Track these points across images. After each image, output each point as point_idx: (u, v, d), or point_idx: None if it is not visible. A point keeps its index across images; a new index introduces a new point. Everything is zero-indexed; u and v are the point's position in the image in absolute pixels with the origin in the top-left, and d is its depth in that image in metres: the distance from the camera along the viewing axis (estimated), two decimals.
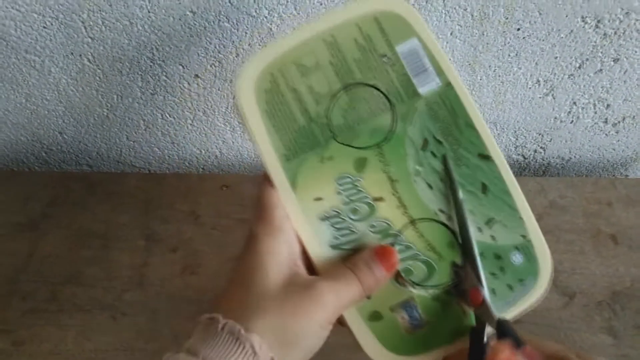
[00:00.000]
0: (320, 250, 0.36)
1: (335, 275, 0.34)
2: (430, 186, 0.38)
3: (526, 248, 0.37)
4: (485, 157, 0.38)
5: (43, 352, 0.49)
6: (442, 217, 0.37)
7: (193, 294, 0.53)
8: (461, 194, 0.37)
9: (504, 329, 0.33)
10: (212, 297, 0.53)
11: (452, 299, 0.37)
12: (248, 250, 0.34)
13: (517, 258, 0.37)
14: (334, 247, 0.37)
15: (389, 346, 0.36)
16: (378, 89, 0.38)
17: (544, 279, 0.37)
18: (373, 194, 0.37)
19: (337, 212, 0.37)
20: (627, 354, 0.53)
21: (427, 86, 0.38)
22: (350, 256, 0.36)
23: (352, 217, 0.37)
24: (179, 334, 0.51)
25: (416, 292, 0.37)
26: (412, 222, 0.37)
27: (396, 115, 0.38)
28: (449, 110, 0.38)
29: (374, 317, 0.36)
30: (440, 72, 0.38)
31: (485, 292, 0.35)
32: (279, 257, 0.34)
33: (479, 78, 0.59)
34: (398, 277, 0.37)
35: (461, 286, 0.37)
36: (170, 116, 0.62)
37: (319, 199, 0.37)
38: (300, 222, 0.36)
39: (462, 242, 0.37)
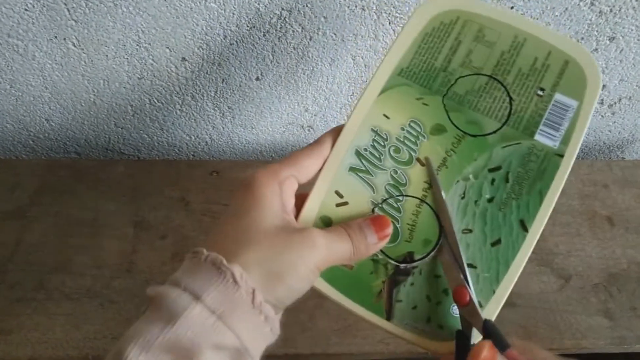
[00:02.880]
0: (336, 172, 0.37)
1: (329, 229, 0.34)
2: (462, 197, 0.37)
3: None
4: (524, 227, 0.37)
5: (31, 341, 0.49)
6: (448, 225, 0.37)
7: None
8: (444, 194, 0.37)
9: (489, 330, 0.33)
10: None
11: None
12: (243, 194, 0.33)
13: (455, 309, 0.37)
14: (352, 168, 0.38)
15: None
16: (511, 104, 0.39)
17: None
18: (421, 155, 0.38)
19: (386, 136, 0.38)
20: (623, 336, 0.52)
21: (545, 138, 0.38)
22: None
23: (391, 151, 0.38)
24: None
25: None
26: (422, 201, 0.37)
27: (500, 131, 0.38)
28: (539, 170, 0.37)
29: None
30: (565, 141, 0.38)
31: (472, 292, 0.34)
32: (275, 204, 0.33)
33: None
34: None
35: (395, 277, 0.37)
36: (158, 101, 0.61)
37: (386, 116, 0.39)
38: (353, 124, 0.38)
39: (449, 243, 0.36)
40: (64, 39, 0.53)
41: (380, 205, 0.37)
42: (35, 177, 0.60)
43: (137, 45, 0.54)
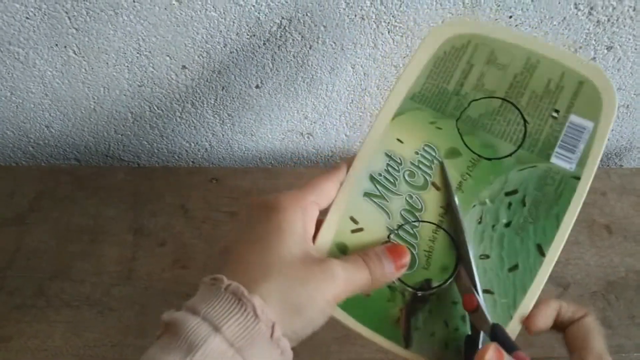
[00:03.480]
0: (351, 197, 0.37)
1: (346, 258, 0.34)
2: (479, 222, 0.37)
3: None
4: (541, 252, 0.36)
5: (30, 348, 0.49)
6: (464, 251, 0.36)
7: (183, 288, 0.52)
8: (457, 199, 0.37)
9: (497, 334, 0.33)
10: None
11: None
12: (265, 219, 0.33)
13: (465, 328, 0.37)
14: (367, 194, 0.37)
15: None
16: (525, 126, 0.38)
17: None
18: (436, 180, 0.38)
19: (400, 160, 0.38)
20: (622, 344, 0.52)
21: (561, 161, 0.37)
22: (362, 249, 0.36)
23: (406, 176, 0.38)
24: None
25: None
26: (439, 226, 0.37)
27: (515, 154, 0.38)
28: (555, 193, 0.37)
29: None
30: (581, 163, 0.37)
31: (480, 298, 0.34)
32: (297, 233, 0.33)
33: None
34: None
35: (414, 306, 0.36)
36: (158, 108, 0.61)
37: (400, 141, 0.39)
38: (366, 149, 0.38)
39: (457, 248, 0.36)
40: (65, 46, 0.53)
41: (396, 232, 0.37)
42: (34, 184, 0.60)
43: (138, 53, 0.54)
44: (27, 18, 0.50)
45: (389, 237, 0.37)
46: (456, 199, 0.37)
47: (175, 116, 0.62)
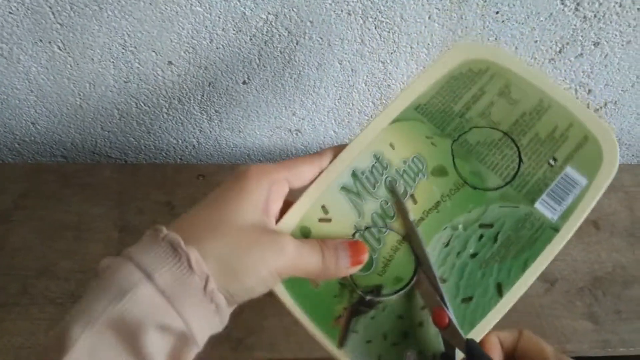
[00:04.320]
0: (328, 186, 0.37)
1: (303, 240, 0.34)
2: (445, 245, 0.37)
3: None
4: (499, 292, 0.36)
5: (14, 346, 0.48)
6: (427, 268, 0.36)
7: None
8: (412, 216, 0.37)
9: (472, 351, 0.32)
10: None
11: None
12: (230, 185, 0.33)
13: (411, 355, 0.36)
14: (344, 188, 0.37)
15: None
16: (519, 165, 0.38)
17: None
18: (416, 194, 0.37)
19: (386, 165, 0.38)
20: (608, 339, 0.52)
21: (545, 209, 0.37)
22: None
23: (387, 182, 0.38)
24: None
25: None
26: (404, 239, 0.37)
27: (501, 190, 0.37)
28: (530, 239, 0.36)
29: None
30: (564, 217, 0.36)
31: (451, 313, 0.34)
32: (257, 202, 0.32)
33: None
34: None
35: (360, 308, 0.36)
36: (144, 105, 0.60)
37: (392, 146, 0.38)
38: (357, 144, 0.38)
39: (422, 265, 0.36)
40: (49, 42, 0.52)
41: (362, 232, 0.37)
42: (20, 181, 0.60)
43: (123, 48, 0.54)
44: (10, 13, 0.49)
45: (353, 235, 0.37)
46: (418, 229, 0.36)
47: (162, 112, 0.62)
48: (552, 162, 0.37)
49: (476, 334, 0.35)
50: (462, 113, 0.39)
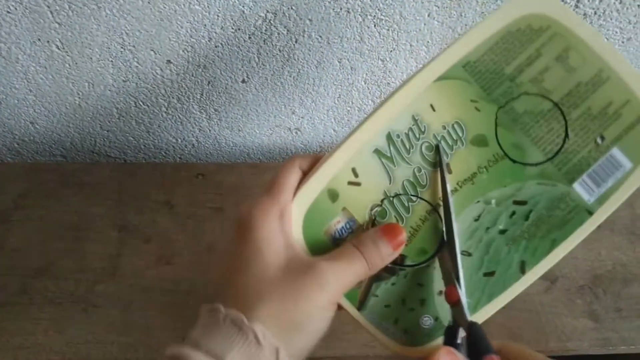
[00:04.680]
0: (361, 149, 0.35)
1: (338, 254, 0.33)
2: (476, 219, 0.36)
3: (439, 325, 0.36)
4: (522, 269, 0.36)
5: (13, 346, 0.48)
6: (456, 243, 0.35)
7: (167, 285, 0.52)
8: (449, 186, 0.35)
9: (474, 334, 0.33)
10: (187, 288, 0.52)
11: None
12: (243, 238, 0.33)
13: (426, 320, 0.36)
14: (378, 151, 0.35)
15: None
16: (564, 141, 0.35)
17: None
18: (452, 163, 0.35)
19: (424, 129, 0.35)
20: (608, 337, 0.52)
21: (582, 190, 0.35)
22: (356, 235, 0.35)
23: (424, 147, 0.36)
24: (153, 326, 0.50)
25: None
26: (434, 209, 0.36)
27: (541, 166, 0.35)
28: (562, 219, 0.35)
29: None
30: (601, 200, 0.35)
31: (462, 293, 0.34)
32: (277, 244, 0.32)
33: None
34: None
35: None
36: (143, 104, 0.60)
37: (432, 108, 0.35)
38: (396, 103, 0.35)
39: (447, 242, 0.35)
40: (48, 41, 0.52)
41: (391, 199, 0.35)
42: (19, 181, 0.59)
43: (122, 47, 0.53)
44: (7, 12, 0.49)
45: (382, 201, 0.35)
46: (450, 199, 0.35)
47: (161, 111, 0.62)
48: (599, 140, 0.35)
49: (492, 307, 0.35)
50: (513, 76, 0.35)
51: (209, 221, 0.57)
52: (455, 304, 0.34)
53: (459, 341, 0.34)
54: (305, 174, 0.36)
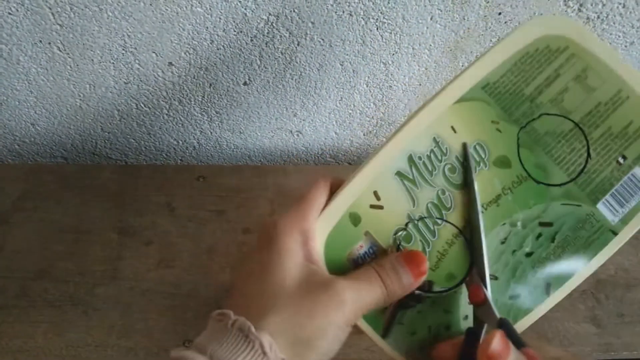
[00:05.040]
0: (382, 171, 0.34)
1: (357, 275, 0.32)
2: (502, 242, 0.35)
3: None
4: (547, 291, 0.35)
5: (12, 349, 0.48)
6: (483, 264, 0.34)
7: (168, 288, 0.52)
8: (482, 216, 0.35)
9: (505, 329, 0.32)
10: (187, 291, 0.52)
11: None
12: (264, 247, 0.32)
13: None
14: (399, 174, 0.35)
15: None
16: (587, 161, 0.35)
17: None
18: (478, 182, 0.35)
19: (446, 150, 0.35)
20: (610, 343, 0.52)
21: (606, 210, 0.35)
22: (378, 258, 0.34)
23: (446, 169, 0.35)
24: (153, 329, 0.49)
25: None
26: (461, 232, 0.35)
27: (565, 186, 0.35)
28: (587, 240, 0.35)
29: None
30: (625, 220, 0.35)
31: (488, 291, 0.33)
32: (297, 256, 0.32)
33: (460, 64, 0.58)
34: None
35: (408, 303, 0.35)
36: (145, 106, 0.60)
37: (454, 129, 0.35)
38: (416, 124, 0.34)
39: (472, 242, 0.35)
40: (49, 43, 0.52)
41: (415, 222, 0.35)
42: (19, 182, 0.59)
43: (123, 49, 0.53)
44: (9, 14, 0.49)
45: (406, 225, 0.35)
46: (480, 216, 0.34)
47: (163, 114, 0.61)
48: (621, 160, 0.35)
49: (517, 329, 0.34)
50: (533, 97, 0.35)
51: (209, 224, 0.56)
52: (481, 303, 0.33)
53: (481, 342, 0.33)
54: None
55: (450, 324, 0.35)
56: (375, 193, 0.34)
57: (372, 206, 0.34)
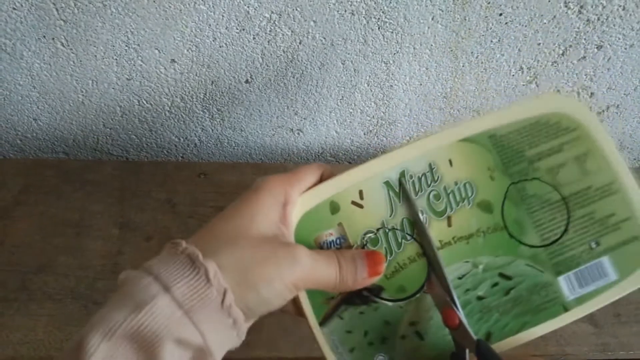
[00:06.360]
0: (373, 175, 0.36)
1: (319, 252, 0.33)
2: (459, 277, 0.37)
3: None
4: (487, 339, 0.36)
5: (12, 342, 0.48)
6: (449, 289, 0.35)
7: None
8: (440, 253, 0.36)
9: (483, 351, 0.33)
10: None
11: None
12: (245, 198, 0.33)
13: (381, 358, 0.36)
14: (388, 183, 0.37)
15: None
16: (562, 235, 0.37)
17: None
18: (454, 218, 0.37)
19: (438, 178, 0.37)
20: (607, 342, 0.52)
21: (565, 285, 0.37)
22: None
23: (432, 195, 0.37)
24: None
25: None
26: (424, 254, 0.36)
27: (535, 249, 0.37)
28: (538, 306, 0.36)
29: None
30: (580, 301, 0.36)
31: (461, 314, 0.34)
32: (274, 213, 0.33)
33: (461, 65, 0.58)
34: None
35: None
36: (147, 102, 0.60)
37: (450, 163, 0.37)
38: (417, 147, 0.37)
39: (434, 270, 0.36)
40: (53, 38, 0.52)
41: (386, 230, 0.36)
42: (20, 177, 0.60)
43: (126, 46, 0.54)
44: (14, 9, 0.49)
45: (378, 230, 0.36)
46: (438, 253, 0.36)
47: (165, 110, 0.62)
48: (593, 245, 0.37)
49: None
50: (532, 160, 0.38)
51: (210, 220, 0.57)
52: (456, 327, 0.34)
53: None
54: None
55: (387, 337, 0.36)
56: (360, 192, 0.36)
57: (353, 202, 0.36)
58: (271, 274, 0.30)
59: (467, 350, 0.34)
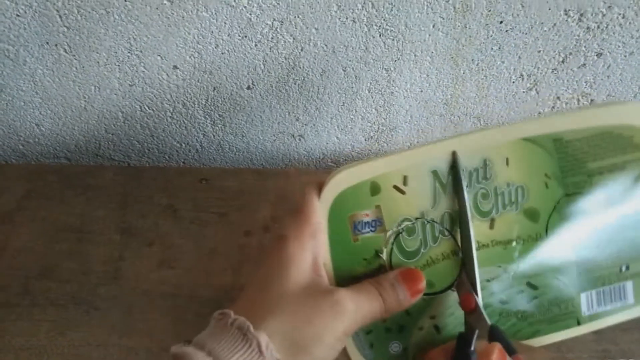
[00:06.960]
0: (420, 163, 0.35)
1: (357, 287, 0.33)
2: (488, 280, 0.36)
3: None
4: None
5: (14, 347, 0.48)
6: (474, 273, 0.35)
7: (169, 289, 0.52)
8: (466, 193, 0.35)
9: (496, 336, 0.33)
10: (189, 292, 0.52)
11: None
12: (273, 254, 0.33)
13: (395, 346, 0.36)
14: (435, 173, 0.35)
15: None
16: (598, 254, 0.37)
17: None
18: (497, 221, 0.35)
19: (490, 176, 0.35)
20: (608, 349, 0.52)
21: (585, 301, 0.36)
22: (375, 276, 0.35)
23: (480, 194, 0.35)
24: (154, 329, 0.50)
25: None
26: (456, 251, 0.35)
27: (569, 267, 0.36)
28: (555, 317, 0.37)
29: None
30: (592, 318, 0.37)
31: (479, 298, 0.34)
32: (304, 264, 0.33)
33: (462, 72, 0.59)
34: None
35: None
36: (149, 108, 0.61)
37: (507, 162, 0.35)
38: (475, 139, 0.35)
39: (462, 250, 0.35)
40: (56, 45, 0.53)
41: (425, 221, 0.35)
42: (23, 182, 0.60)
43: (129, 52, 0.54)
44: (17, 15, 0.50)
45: (416, 219, 0.35)
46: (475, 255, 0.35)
47: (166, 116, 0.62)
48: (624, 268, 0.36)
49: None
50: (591, 173, 0.35)
51: (212, 226, 0.57)
52: (472, 311, 0.34)
53: (472, 348, 0.34)
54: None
55: (405, 326, 0.36)
56: (404, 177, 0.35)
57: (395, 187, 0.35)
58: (319, 331, 0.30)
59: (475, 333, 0.34)
